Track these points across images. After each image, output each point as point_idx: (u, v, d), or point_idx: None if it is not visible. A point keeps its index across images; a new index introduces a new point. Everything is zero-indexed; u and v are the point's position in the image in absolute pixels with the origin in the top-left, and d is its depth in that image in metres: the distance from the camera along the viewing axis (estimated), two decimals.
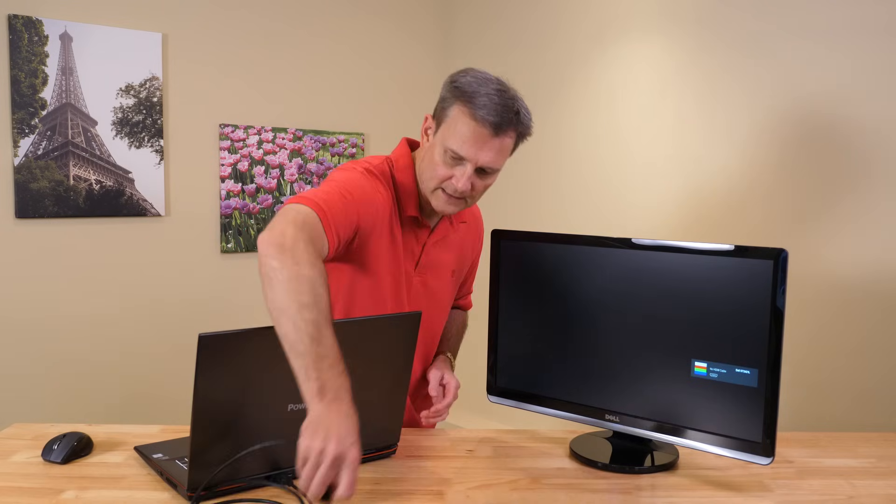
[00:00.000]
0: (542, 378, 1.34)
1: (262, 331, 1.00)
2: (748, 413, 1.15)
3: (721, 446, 1.16)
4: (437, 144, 1.28)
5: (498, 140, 1.24)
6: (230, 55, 3.12)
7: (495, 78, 1.27)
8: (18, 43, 2.64)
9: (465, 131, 1.23)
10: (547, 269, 1.32)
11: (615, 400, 1.26)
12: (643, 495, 1.10)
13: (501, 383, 1.39)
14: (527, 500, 1.08)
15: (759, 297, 1.13)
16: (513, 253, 1.36)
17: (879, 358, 1.89)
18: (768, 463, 1.12)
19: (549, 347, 1.33)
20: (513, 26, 3.16)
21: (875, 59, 1.89)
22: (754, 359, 1.15)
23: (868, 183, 1.91)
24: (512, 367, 1.38)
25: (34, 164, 2.70)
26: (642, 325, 1.23)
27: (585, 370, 1.29)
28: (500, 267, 1.37)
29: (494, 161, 1.26)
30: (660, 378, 1.22)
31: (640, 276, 1.23)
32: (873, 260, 1.90)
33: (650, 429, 1.23)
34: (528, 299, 1.35)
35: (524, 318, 1.36)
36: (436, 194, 1.30)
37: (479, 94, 1.22)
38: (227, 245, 3.15)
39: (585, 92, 2.81)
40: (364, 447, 0.96)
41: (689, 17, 2.39)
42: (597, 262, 1.27)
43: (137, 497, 1.06)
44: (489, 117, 1.21)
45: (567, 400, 1.31)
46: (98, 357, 2.90)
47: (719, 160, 2.29)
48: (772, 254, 1.11)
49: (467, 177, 1.25)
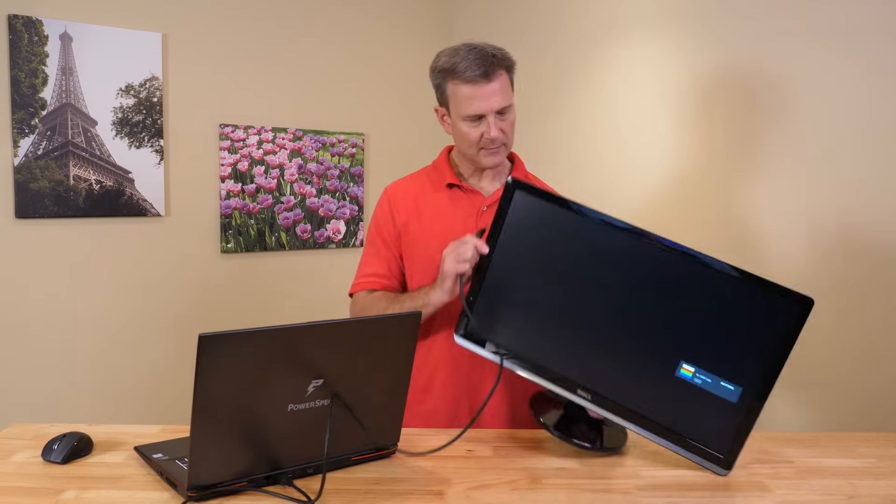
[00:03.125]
0: (521, 336, 1.30)
1: (262, 331, 1.01)
2: (719, 425, 1.17)
3: (681, 447, 1.19)
4: (456, 121, 1.48)
5: (495, 83, 1.42)
6: (230, 55, 3.12)
7: (461, 44, 1.45)
8: (18, 43, 2.65)
9: (468, 94, 1.42)
10: (558, 233, 1.29)
11: (592, 378, 1.25)
12: (643, 495, 1.10)
13: (474, 327, 1.34)
14: (527, 500, 1.08)
15: (770, 329, 1.15)
16: (525, 204, 1.31)
17: (881, 358, 1.89)
18: (724, 475, 1.17)
19: (534, 308, 1.30)
20: (513, 27, 3.16)
21: (875, 59, 1.89)
22: (743, 377, 1.17)
23: (870, 182, 1.91)
24: (491, 316, 1.33)
25: (34, 164, 2.70)
26: (640, 314, 1.22)
27: (568, 341, 1.27)
28: (508, 214, 1.32)
29: (504, 99, 1.44)
30: (643, 369, 1.22)
31: (655, 271, 1.21)
32: (879, 259, 1.90)
33: (614, 411, 1.23)
34: (527, 254, 1.31)
35: (518, 272, 1.31)
36: (481, 154, 1.48)
37: (458, 62, 1.42)
38: (227, 245, 3.15)
39: (585, 93, 2.81)
40: (364, 447, 0.97)
41: (689, 18, 2.38)
42: (613, 244, 1.24)
43: (137, 497, 1.06)
44: (476, 71, 1.40)
45: (541, 364, 1.28)
46: (98, 357, 2.90)
47: (719, 160, 2.29)
48: (799, 300, 1.13)
49: (494, 125, 1.43)
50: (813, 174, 2.03)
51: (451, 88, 1.45)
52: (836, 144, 1.98)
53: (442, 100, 1.50)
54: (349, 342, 1.09)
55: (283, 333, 1.04)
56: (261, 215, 3.24)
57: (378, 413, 1.18)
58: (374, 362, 1.14)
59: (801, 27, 2.05)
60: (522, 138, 1.77)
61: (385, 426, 1.21)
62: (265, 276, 3.25)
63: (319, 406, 1.09)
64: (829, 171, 1.99)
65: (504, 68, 1.45)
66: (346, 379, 1.10)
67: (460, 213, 1.53)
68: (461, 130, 1.47)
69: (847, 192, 1.96)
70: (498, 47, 1.45)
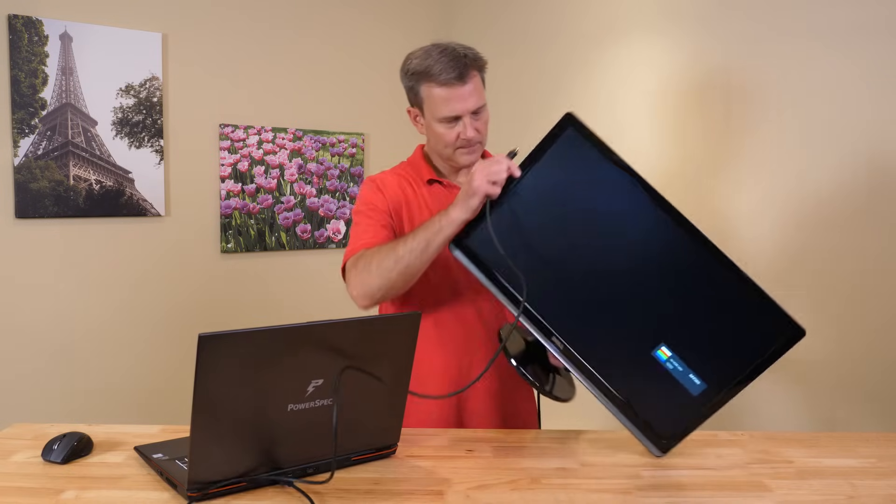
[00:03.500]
0: (518, 267, 1.27)
1: (262, 331, 1.01)
2: (673, 411, 1.20)
3: (628, 418, 1.21)
4: (431, 122, 1.48)
5: (469, 84, 1.43)
6: (230, 55, 3.12)
7: (431, 45, 1.46)
8: (18, 43, 2.65)
9: (443, 96, 1.43)
10: (590, 180, 1.26)
11: (570, 331, 1.24)
12: (643, 495, 1.10)
13: (472, 246, 1.31)
14: (527, 500, 1.08)
15: (756, 342, 1.17)
16: (572, 143, 1.27)
17: (881, 359, 1.89)
18: (659, 456, 1.21)
19: (539, 246, 1.27)
20: (513, 28, 3.16)
21: (875, 59, 1.89)
22: (712, 376, 1.19)
23: (870, 183, 1.91)
24: (490, 241, 1.28)
25: (34, 164, 2.70)
26: (639, 286, 1.22)
27: (560, 288, 1.25)
28: (553, 146, 1.27)
29: (479, 99, 1.45)
30: (622, 339, 1.22)
31: (669, 249, 1.21)
32: (879, 259, 1.90)
33: (578, 366, 1.23)
34: (552, 192, 1.27)
35: (536, 206, 1.28)
36: (457, 154, 1.49)
37: (432, 65, 1.42)
38: (227, 245, 3.15)
39: (585, 93, 2.81)
40: (364, 447, 0.97)
41: (689, 18, 2.38)
42: (642, 210, 1.23)
43: (137, 497, 1.06)
44: (451, 74, 1.41)
45: (523, 300, 1.26)
46: (98, 357, 2.90)
47: (719, 161, 2.29)
48: (792, 326, 1.16)
49: (470, 126, 1.45)
50: (813, 174, 2.03)
51: (426, 91, 1.45)
52: (836, 144, 1.98)
53: (415, 101, 1.50)
54: (349, 342, 1.09)
55: (283, 333, 1.04)
56: (261, 215, 3.24)
57: (378, 413, 1.18)
58: (373, 362, 1.14)
59: (801, 27, 2.05)
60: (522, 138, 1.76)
61: (385, 426, 1.21)
62: (265, 276, 3.25)
63: (319, 406, 1.09)
64: (829, 171, 1.99)
65: (476, 69, 1.45)
66: (346, 379, 1.10)
67: (444, 203, 1.49)
68: (437, 132, 1.47)
69: (847, 192, 1.96)
70: (468, 47, 1.46)
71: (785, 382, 2.08)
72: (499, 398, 1.55)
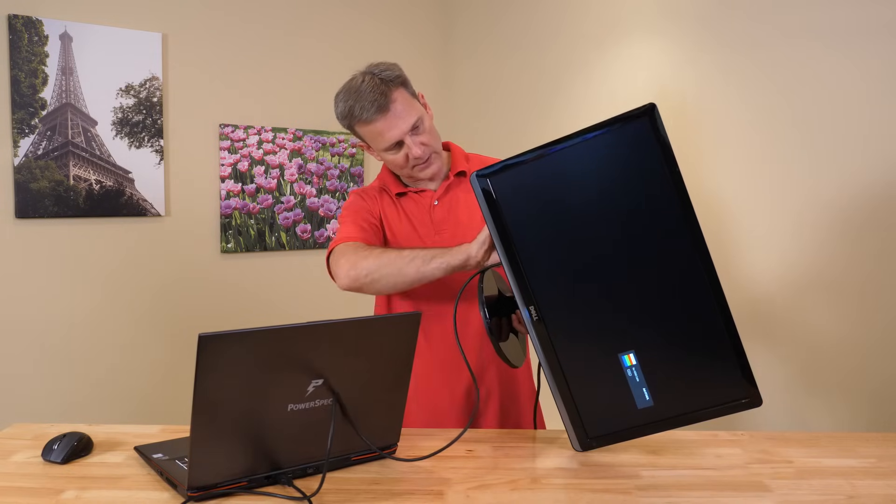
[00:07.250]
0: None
1: (262, 331, 1.01)
2: (612, 414, 1.20)
3: (565, 406, 1.20)
4: (379, 152, 1.53)
5: (393, 109, 1.45)
6: (230, 55, 3.12)
7: (349, 80, 1.51)
8: (18, 43, 2.65)
9: (376, 130, 1.46)
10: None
11: (551, 309, 1.21)
12: (643, 495, 1.10)
13: (497, 195, 1.22)
14: (527, 500, 1.08)
15: (712, 389, 1.19)
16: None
17: (882, 359, 1.89)
18: (578, 450, 1.23)
19: (553, 213, 1.22)
20: (512, 28, 3.16)
21: (875, 59, 1.89)
22: (663, 399, 1.18)
23: (870, 183, 1.91)
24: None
25: (34, 164, 2.70)
26: (631, 293, 1.20)
27: (556, 261, 1.22)
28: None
29: (410, 117, 1.47)
30: (595, 331, 1.20)
31: (674, 273, 1.19)
32: (879, 260, 1.90)
33: (540, 341, 1.21)
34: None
35: (568, 174, 1.22)
36: (415, 171, 1.54)
37: (353, 106, 1.46)
38: (227, 245, 3.15)
39: (586, 93, 2.81)
40: (364, 447, 0.97)
41: (689, 18, 2.39)
42: (665, 222, 1.20)
43: (137, 497, 1.06)
44: (372, 109, 1.44)
45: (522, 269, 1.22)
46: (98, 357, 2.90)
47: (718, 161, 2.29)
48: (749, 393, 1.17)
49: (414, 145, 1.48)
50: (813, 174, 2.03)
51: (360, 130, 1.50)
52: (836, 144, 1.98)
53: (360, 140, 1.55)
54: (349, 342, 1.09)
55: (283, 333, 1.04)
56: (261, 215, 3.24)
57: (378, 413, 1.18)
58: (373, 362, 1.14)
59: (801, 27, 2.05)
60: (523, 138, 1.76)
61: (385, 426, 1.21)
62: (265, 276, 3.25)
63: (319, 406, 1.09)
64: (829, 171, 1.99)
65: (397, 86, 1.47)
66: (346, 379, 1.10)
67: (416, 211, 1.58)
68: (388, 158, 1.52)
69: (848, 192, 1.96)
70: (384, 66, 1.49)
71: (785, 382, 2.08)
72: (499, 398, 1.55)
